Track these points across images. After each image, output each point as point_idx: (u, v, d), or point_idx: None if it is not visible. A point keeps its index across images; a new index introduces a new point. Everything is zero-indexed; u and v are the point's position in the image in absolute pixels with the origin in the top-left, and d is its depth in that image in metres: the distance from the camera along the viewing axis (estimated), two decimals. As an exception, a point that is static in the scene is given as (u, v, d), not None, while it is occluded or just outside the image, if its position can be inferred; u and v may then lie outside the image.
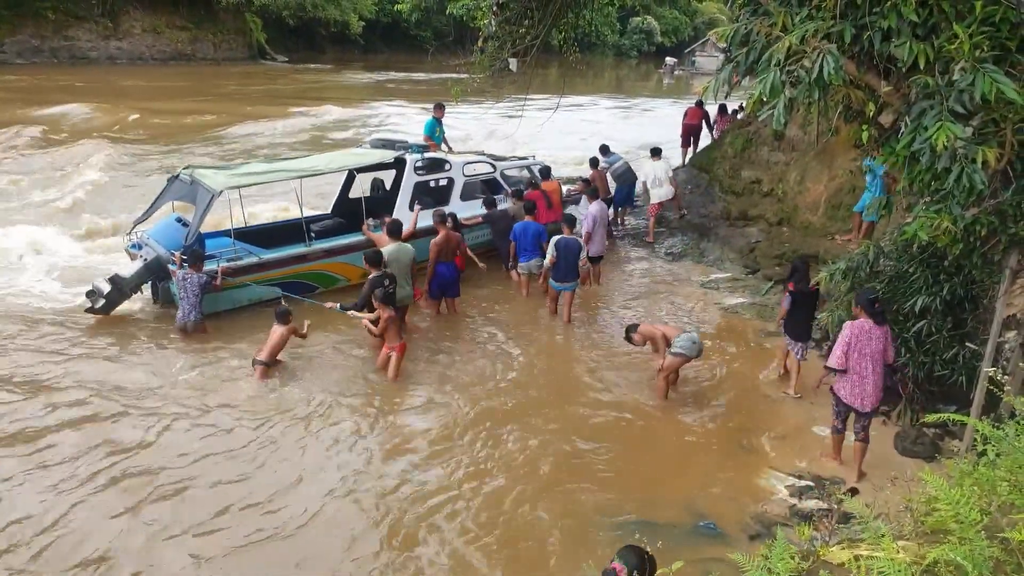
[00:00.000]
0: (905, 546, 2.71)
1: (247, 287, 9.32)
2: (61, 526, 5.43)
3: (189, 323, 8.61)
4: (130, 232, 9.97)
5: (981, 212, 5.29)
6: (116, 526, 5.48)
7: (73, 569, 5.05)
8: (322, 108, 28.15)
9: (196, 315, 8.60)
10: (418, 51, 58.08)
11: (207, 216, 9.29)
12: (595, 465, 6.59)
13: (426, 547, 5.41)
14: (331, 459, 6.48)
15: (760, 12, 5.79)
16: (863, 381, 6.08)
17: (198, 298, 8.58)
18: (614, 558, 3.22)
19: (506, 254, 10.75)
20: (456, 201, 11.30)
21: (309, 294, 9.65)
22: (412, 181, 10.84)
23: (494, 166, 12.09)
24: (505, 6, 12.17)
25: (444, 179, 11.54)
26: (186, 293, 8.55)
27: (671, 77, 59.96)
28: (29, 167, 16.91)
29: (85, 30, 42.54)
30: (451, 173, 11.45)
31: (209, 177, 9.52)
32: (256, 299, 9.38)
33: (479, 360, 8.61)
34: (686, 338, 7.49)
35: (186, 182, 9.71)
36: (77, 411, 6.97)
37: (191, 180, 9.61)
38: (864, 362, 6.04)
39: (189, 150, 19.90)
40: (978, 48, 4.70)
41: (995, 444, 3.21)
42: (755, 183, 13.97)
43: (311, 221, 10.78)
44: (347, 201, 11.71)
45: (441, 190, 11.66)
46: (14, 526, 5.40)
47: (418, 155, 11.14)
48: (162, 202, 10.14)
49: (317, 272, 9.93)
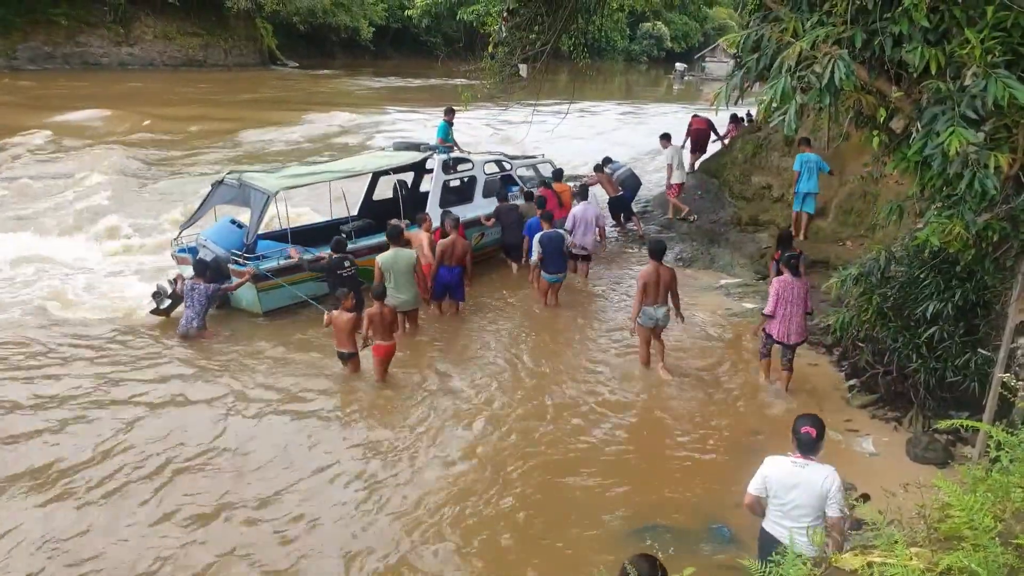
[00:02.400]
0: (918, 553, 2.70)
1: (301, 284, 9.53)
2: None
3: (191, 330, 8.71)
4: (177, 237, 10.19)
5: (993, 217, 5.27)
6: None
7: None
8: (332, 114, 28.30)
9: (199, 323, 8.75)
10: (428, 56, 58.09)
11: (263, 218, 9.60)
12: (603, 468, 6.58)
13: (426, 545, 5.42)
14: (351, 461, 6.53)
15: (771, 18, 5.79)
16: (788, 322, 7.63)
17: (203, 307, 8.74)
18: (625, 566, 3.21)
19: (511, 246, 11.24)
20: (479, 198, 11.84)
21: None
22: (442, 180, 11.36)
23: (510, 164, 12.76)
24: (515, 12, 12.23)
25: (467, 177, 12.00)
26: (192, 302, 8.69)
27: (681, 83, 59.87)
28: (41, 173, 17.04)
29: (97, 36, 42.81)
30: (474, 171, 11.96)
31: (260, 180, 9.94)
32: (309, 295, 9.41)
33: (480, 360, 8.66)
34: (647, 313, 8.11)
35: (233, 186, 9.93)
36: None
37: (239, 184, 9.85)
38: (789, 308, 7.61)
39: (201, 156, 20.03)
40: (990, 53, 4.68)
41: (1009, 450, 3.20)
42: (765, 188, 13.95)
43: (343, 223, 11.17)
44: (372, 203, 12.17)
45: (465, 188, 12.13)
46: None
47: (445, 155, 11.67)
48: (208, 207, 10.30)
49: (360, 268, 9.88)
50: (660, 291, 8.05)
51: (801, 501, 4.17)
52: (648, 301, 8.03)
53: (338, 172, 11.24)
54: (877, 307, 7.11)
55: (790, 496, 4.20)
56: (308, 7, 52.29)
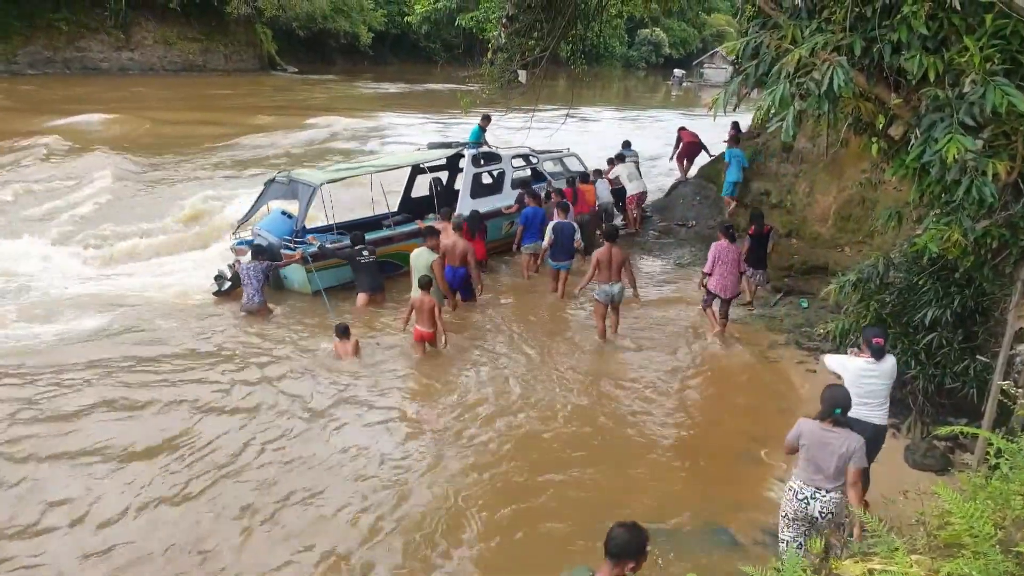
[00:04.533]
0: (918, 560, 2.69)
1: (335, 269, 10.63)
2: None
3: (254, 305, 9.68)
4: (235, 231, 11.26)
5: (992, 224, 5.28)
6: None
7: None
8: (332, 119, 28.26)
9: (259, 298, 9.69)
10: (427, 62, 58.28)
11: (309, 208, 10.68)
12: (601, 468, 6.57)
13: (425, 542, 5.42)
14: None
15: (770, 25, 5.81)
16: (724, 279, 9.15)
17: (261, 283, 9.69)
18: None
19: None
20: (507, 190, 12.78)
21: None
22: (471, 173, 12.28)
23: (537, 158, 13.76)
24: (515, 18, 12.27)
25: (497, 171, 12.96)
26: (250, 280, 9.65)
27: (679, 89, 59.97)
28: (41, 176, 17.05)
29: (97, 41, 42.83)
30: (502, 165, 12.92)
31: (307, 175, 11.21)
32: (344, 280, 10.65)
33: (483, 359, 8.70)
34: (603, 290, 9.10)
35: (283, 183, 11.07)
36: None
37: (288, 180, 11.02)
38: (724, 267, 9.12)
39: (202, 160, 20.02)
40: (988, 61, 4.70)
41: (1008, 457, 3.19)
42: (764, 195, 13.93)
43: (384, 218, 12.12)
44: (410, 200, 13.39)
45: (494, 181, 13.07)
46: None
47: (475, 150, 12.69)
48: (262, 203, 11.39)
49: (401, 252, 10.86)
50: (613, 269, 8.99)
51: (875, 388, 5.62)
52: (603, 279, 9.00)
53: (378, 166, 12.33)
54: (875, 313, 7.10)
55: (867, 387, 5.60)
56: (308, 13, 52.36)
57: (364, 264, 10.22)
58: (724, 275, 9.14)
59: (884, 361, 5.65)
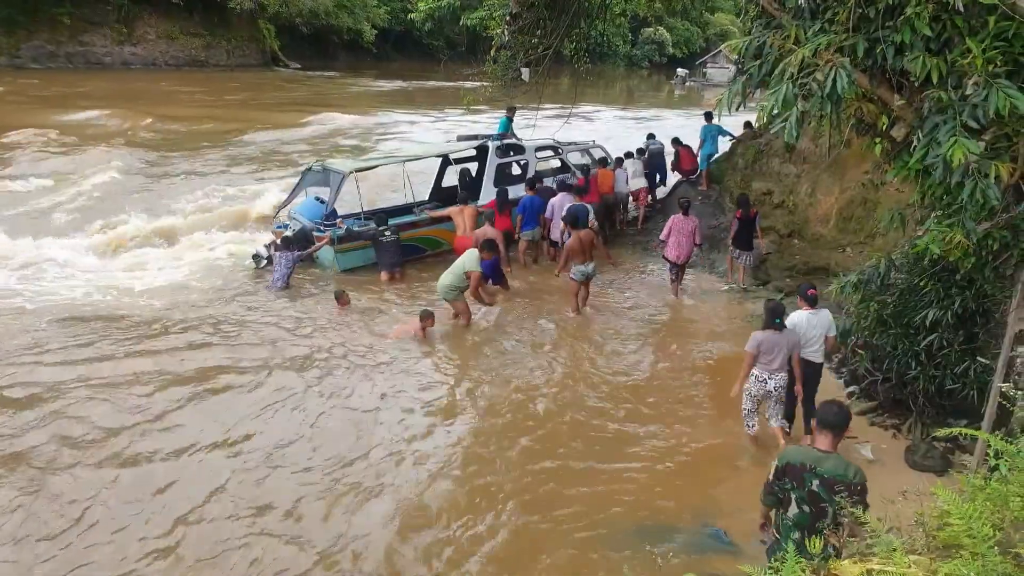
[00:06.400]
0: (917, 561, 2.69)
1: (363, 250, 11.53)
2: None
3: (276, 287, 10.60)
4: (275, 216, 12.43)
5: (993, 226, 5.29)
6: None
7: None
8: (334, 115, 28.29)
9: (282, 283, 10.64)
10: (430, 60, 58.23)
11: (339, 194, 11.64)
12: (600, 468, 6.58)
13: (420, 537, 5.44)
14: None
15: (773, 25, 5.81)
16: (679, 247, 10.63)
17: (288, 270, 10.67)
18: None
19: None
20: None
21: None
22: (495, 163, 12.98)
23: (561, 149, 14.35)
24: (518, 16, 12.27)
25: (522, 161, 13.66)
26: (279, 266, 10.68)
27: (682, 88, 59.97)
28: (45, 170, 17.07)
29: (100, 36, 42.92)
30: (526, 156, 13.64)
31: (338, 164, 12.18)
32: (371, 260, 11.48)
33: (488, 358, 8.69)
34: (579, 270, 10.02)
35: (318, 171, 12.13)
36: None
37: (323, 169, 12.09)
38: (679, 237, 10.58)
39: (203, 155, 20.04)
40: (991, 63, 4.69)
41: (1007, 459, 3.20)
42: (766, 195, 13.92)
43: (416, 205, 12.88)
44: (441, 189, 14.19)
45: (521, 172, 13.78)
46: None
47: (498, 141, 13.33)
48: (299, 191, 12.50)
49: (427, 237, 12.21)
50: (586, 252, 9.91)
51: (815, 335, 6.91)
52: (578, 261, 9.93)
53: (406, 156, 13.18)
54: (876, 314, 7.11)
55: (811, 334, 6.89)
56: (311, 9, 52.39)
57: (386, 243, 11.18)
58: (679, 244, 10.59)
59: (820, 312, 6.99)
